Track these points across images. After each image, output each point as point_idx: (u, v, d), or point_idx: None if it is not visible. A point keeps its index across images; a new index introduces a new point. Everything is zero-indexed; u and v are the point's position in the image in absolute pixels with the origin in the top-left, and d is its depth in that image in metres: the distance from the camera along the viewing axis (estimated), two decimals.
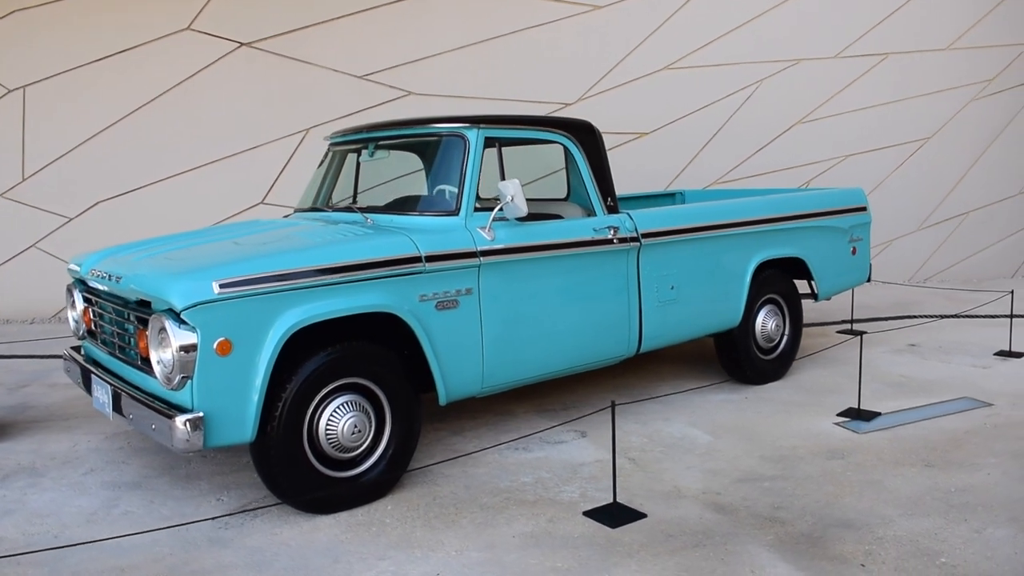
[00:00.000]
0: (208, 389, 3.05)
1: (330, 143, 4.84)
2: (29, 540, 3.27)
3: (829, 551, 3.06)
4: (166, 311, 3.09)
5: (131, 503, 3.64)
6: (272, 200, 8.66)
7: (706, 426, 4.58)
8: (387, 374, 3.55)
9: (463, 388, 3.81)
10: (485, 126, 4.01)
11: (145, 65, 8.25)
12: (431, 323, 3.62)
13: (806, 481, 3.75)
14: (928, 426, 4.50)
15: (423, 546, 3.15)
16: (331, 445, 3.41)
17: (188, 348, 3.00)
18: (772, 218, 5.22)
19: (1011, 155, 9.90)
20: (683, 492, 3.65)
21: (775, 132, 9.47)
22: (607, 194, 4.44)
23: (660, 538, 3.19)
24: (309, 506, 3.41)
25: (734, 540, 3.16)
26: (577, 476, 3.86)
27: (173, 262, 3.45)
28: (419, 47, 8.69)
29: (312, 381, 3.31)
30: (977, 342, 6.49)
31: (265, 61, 8.43)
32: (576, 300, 4.21)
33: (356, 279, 3.38)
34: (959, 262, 10.11)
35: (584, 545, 3.14)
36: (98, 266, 3.80)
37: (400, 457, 3.63)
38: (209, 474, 3.97)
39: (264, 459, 3.27)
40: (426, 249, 3.61)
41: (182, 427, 2.99)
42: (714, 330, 5.06)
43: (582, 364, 4.34)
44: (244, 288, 3.10)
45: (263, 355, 3.15)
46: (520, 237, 3.95)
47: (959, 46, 9.49)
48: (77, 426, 4.82)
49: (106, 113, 8.28)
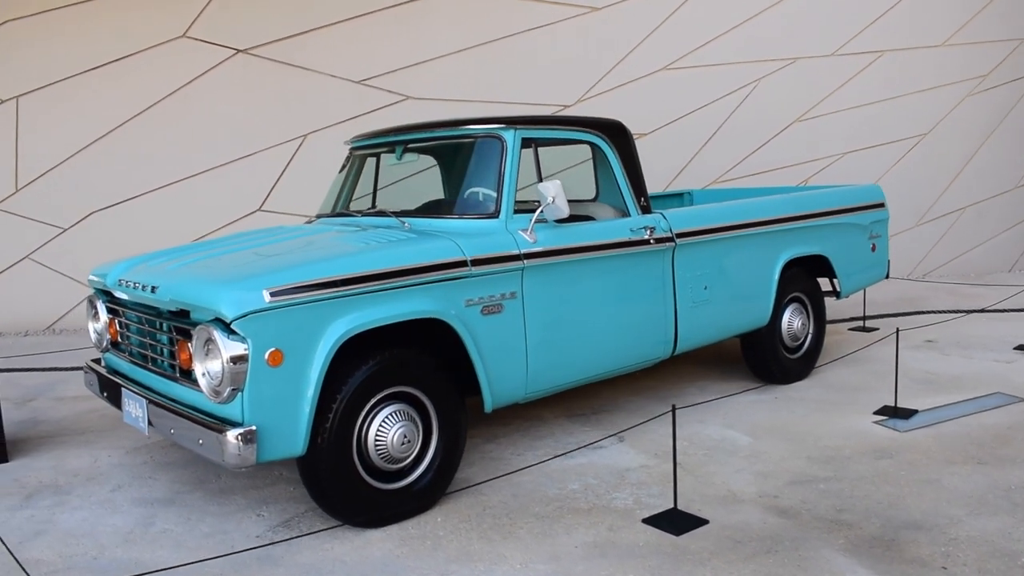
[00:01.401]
0: (259, 402, 2.92)
1: (352, 147, 4.71)
2: (68, 562, 3.11)
3: (905, 554, 2.99)
4: (213, 321, 2.96)
5: (167, 520, 3.49)
6: (270, 207, 8.49)
7: (743, 427, 4.51)
8: (433, 381, 3.44)
9: (508, 394, 3.70)
10: (522, 127, 3.92)
11: (140, 73, 8.06)
12: (477, 328, 3.52)
13: (861, 482, 3.68)
14: (969, 423, 4.47)
15: (484, 559, 3.04)
16: (380, 456, 3.29)
17: (239, 359, 2.87)
18: (799, 216, 5.17)
19: (1006, 150, 10.00)
20: (739, 496, 3.58)
21: (773, 131, 9.47)
22: (640, 194, 4.37)
23: (728, 545, 3.10)
24: (358, 520, 3.28)
25: (805, 545, 3.08)
26: (625, 482, 3.77)
27: (215, 271, 3.31)
28: (417, 51, 8.58)
29: (361, 391, 3.19)
30: (994, 337, 6.50)
31: (262, 67, 8.27)
32: (616, 302, 4.12)
33: (405, 285, 3.27)
34: (956, 257, 10.17)
35: (651, 554, 3.05)
36: (127, 276, 3.65)
37: (447, 466, 3.51)
38: (243, 488, 3.83)
39: (314, 473, 3.14)
40: (471, 253, 3.50)
41: (234, 441, 2.85)
42: (744, 330, 5.00)
43: (621, 367, 4.26)
44: (295, 296, 2.97)
45: (314, 365, 3.02)
46: (561, 239, 3.85)
47: (954, 42, 9.57)
48: (94, 440, 4.64)
49: (101, 122, 8.07)
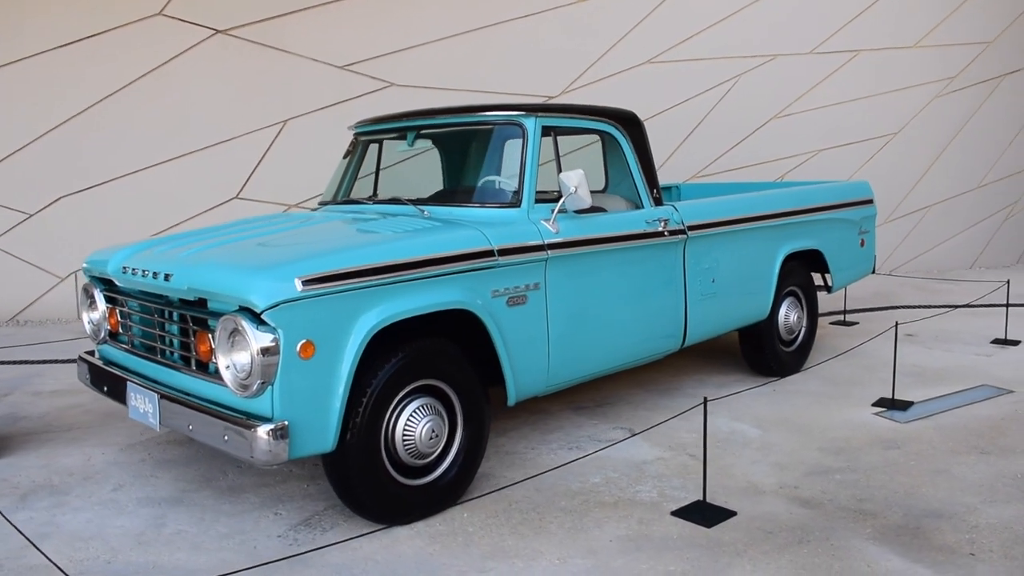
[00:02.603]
0: (290, 396, 2.82)
1: (357, 132, 4.59)
2: (80, 568, 2.96)
3: (932, 542, 3.04)
4: (240, 311, 2.84)
5: (179, 521, 3.36)
6: (247, 195, 8.27)
7: (749, 420, 4.54)
8: (458, 374, 3.36)
9: (531, 387, 3.65)
10: (542, 114, 3.86)
11: (112, 52, 7.74)
12: (502, 320, 3.45)
13: (875, 472, 3.73)
14: (963, 414, 4.57)
15: (520, 555, 2.99)
16: (408, 452, 3.21)
17: (269, 352, 2.76)
18: (800, 210, 5.23)
19: (970, 151, 10.28)
20: (760, 488, 3.59)
21: (752, 127, 9.58)
22: (653, 185, 4.35)
23: (760, 536, 3.11)
24: (384, 517, 3.19)
25: (834, 535, 3.11)
26: (645, 475, 3.76)
27: (238, 258, 3.17)
28: (402, 37, 8.43)
29: (390, 384, 3.10)
30: (970, 331, 6.67)
31: (241, 49, 8.03)
32: (632, 294, 4.10)
33: (436, 274, 3.19)
34: (922, 254, 10.44)
35: (686, 546, 3.04)
36: (132, 263, 3.48)
37: (471, 461, 3.45)
38: (254, 486, 3.70)
39: (343, 469, 3.04)
40: (497, 242, 3.44)
41: (265, 437, 2.74)
42: (746, 323, 5.04)
43: (635, 360, 4.24)
44: (327, 285, 2.87)
45: (346, 358, 2.92)
46: (582, 230, 3.81)
47: (926, 44, 9.79)
48: (83, 437, 4.45)
49: (70, 103, 7.74)
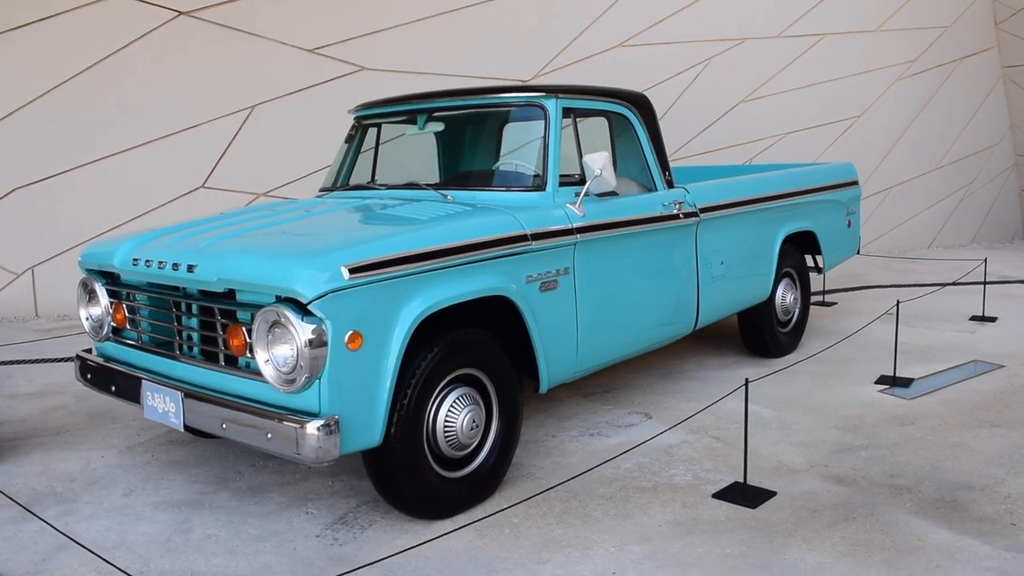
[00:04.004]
0: (339, 389, 2.69)
1: (359, 116, 4.43)
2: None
3: (973, 513, 3.09)
4: (282, 302, 2.69)
5: (206, 525, 3.19)
6: (214, 184, 7.97)
7: (761, 401, 4.56)
8: (494, 362, 3.28)
9: (561, 374, 3.59)
10: (563, 96, 3.78)
11: (70, 34, 7.35)
12: (536, 305, 3.38)
13: (897, 448, 3.79)
14: (963, 389, 4.69)
15: (573, 544, 2.93)
16: (449, 444, 3.11)
17: (317, 344, 2.63)
18: (797, 192, 5.27)
19: (929, 133, 10.58)
20: (791, 467, 3.61)
21: (722, 110, 9.66)
22: (665, 168, 4.32)
23: (806, 515, 3.12)
24: (426, 512, 3.10)
25: (877, 511, 3.14)
26: (675, 459, 3.74)
27: (273, 247, 3.00)
28: (373, 20, 8.22)
29: (432, 374, 2.99)
30: (948, 309, 6.86)
31: (206, 32, 7.71)
32: (652, 277, 4.07)
33: (474, 260, 3.09)
34: (884, 234, 10.71)
35: (737, 528, 3.03)
36: (142, 255, 3.28)
37: (506, 450, 3.37)
38: (275, 485, 3.55)
39: (387, 464, 2.93)
40: (530, 227, 3.36)
41: (315, 433, 2.62)
42: (748, 304, 5.06)
43: (654, 343, 4.22)
44: (373, 273, 2.75)
45: (392, 348, 2.81)
46: (607, 213, 3.75)
47: (887, 27, 10.01)
48: (76, 440, 4.22)
49: (24, 88, 7.32)
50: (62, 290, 7.61)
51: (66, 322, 7.40)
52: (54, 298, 7.63)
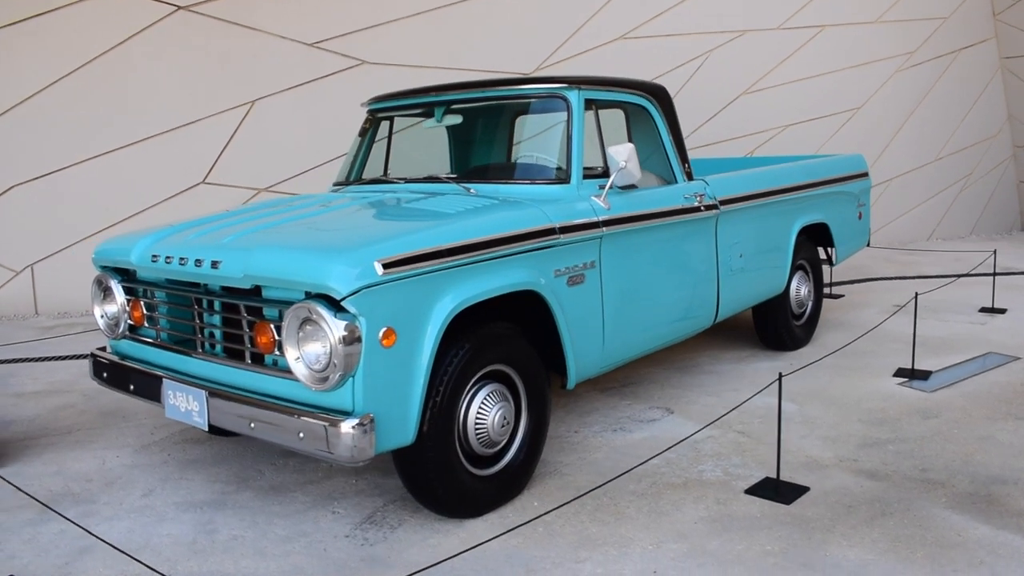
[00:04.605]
0: (373, 387, 2.63)
1: (372, 108, 4.35)
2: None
3: (1009, 507, 3.07)
4: (313, 298, 2.63)
5: (231, 525, 3.13)
6: (214, 180, 7.87)
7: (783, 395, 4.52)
8: (523, 357, 3.22)
9: (588, 369, 3.54)
10: (585, 87, 3.72)
11: (68, 30, 7.23)
12: (564, 300, 3.32)
13: (925, 442, 3.76)
14: (982, 381, 4.67)
15: (610, 543, 2.88)
16: (480, 441, 3.06)
17: (352, 341, 2.56)
18: (812, 183, 5.24)
19: (928, 125, 10.58)
20: (820, 462, 3.57)
21: (723, 103, 9.62)
22: (684, 160, 4.27)
23: (842, 510, 3.08)
24: (457, 511, 3.04)
25: (913, 506, 3.10)
26: (703, 454, 3.69)
27: (302, 241, 2.93)
28: (373, 14, 8.13)
29: (464, 371, 2.94)
30: (955, 301, 6.85)
31: (205, 26, 7.60)
32: (674, 271, 4.03)
33: (506, 254, 3.03)
34: (884, 226, 10.70)
35: (774, 525, 2.99)
36: (162, 251, 3.20)
37: (535, 447, 3.32)
38: (297, 484, 3.49)
39: (420, 462, 2.87)
40: (558, 220, 3.30)
41: (351, 432, 2.55)
42: (765, 297, 5.03)
43: (676, 337, 4.17)
44: (406, 268, 2.68)
45: (425, 344, 2.75)
46: (630, 206, 3.70)
47: (887, 19, 9.99)
48: (88, 440, 4.13)
49: (22, 84, 7.20)
50: (62, 288, 7.51)
51: (66, 320, 7.29)
52: (54, 296, 7.52)
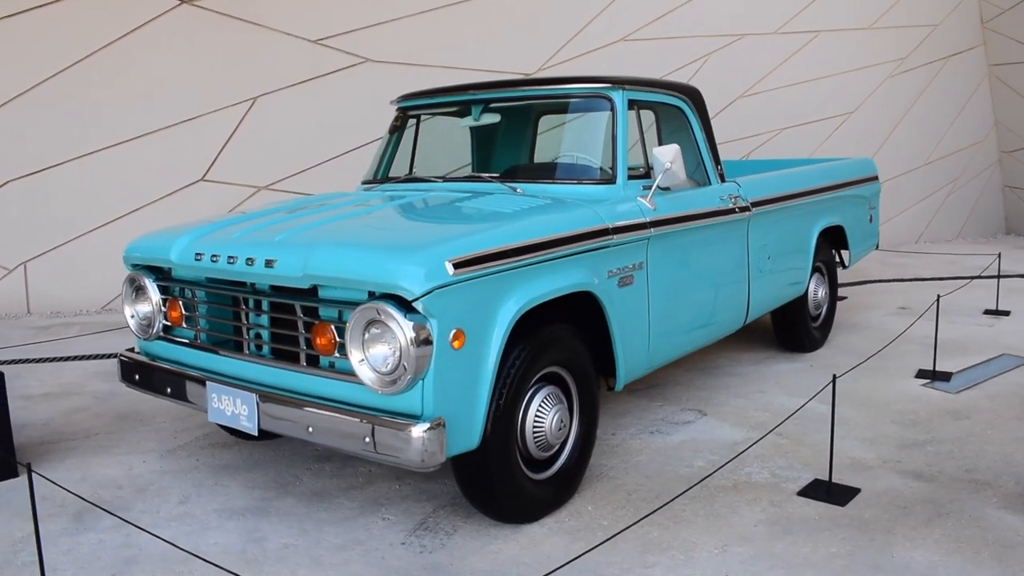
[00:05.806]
0: (443, 390, 2.57)
1: (403, 106, 4.27)
2: None
3: None
4: (380, 298, 2.56)
5: (279, 534, 3.04)
6: (214, 177, 7.72)
7: (808, 396, 4.53)
8: (576, 359, 3.18)
9: (635, 370, 3.51)
10: (629, 87, 3.69)
11: (68, 24, 7.03)
12: (616, 301, 3.29)
13: (962, 443, 3.79)
14: (1003, 382, 4.72)
15: (675, 547, 2.85)
16: (537, 444, 3.01)
17: (423, 342, 2.50)
18: (833, 186, 5.27)
19: (918, 129, 10.73)
20: (864, 463, 3.58)
21: (720, 105, 9.65)
22: (718, 161, 4.26)
23: (897, 512, 3.08)
24: (514, 516, 2.99)
25: (967, 506, 3.12)
26: (745, 456, 3.68)
27: (366, 240, 2.84)
28: (376, 11, 8.03)
29: (524, 373, 2.88)
30: (958, 303, 6.93)
31: (208, 21, 7.45)
32: (712, 272, 4.01)
33: (565, 255, 2.99)
34: None
35: (834, 527, 2.98)
36: (205, 249, 3.10)
37: (586, 450, 3.28)
38: (340, 489, 3.41)
39: (482, 467, 2.81)
40: (610, 220, 3.26)
41: (422, 437, 2.49)
42: (788, 299, 5.04)
43: (712, 338, 4.17)
44: (475, 268, 2.63)
45: (492, 346, 2.69)
46: (675, 207, 3.68)
47: (880, 25, 10.12)
48: (110, 444, 4.01)
49: (19, 78, 7.00)
50: (55, 286, 7.32)
51: (60, 319, 7.10)
52: (47, 294, 7.32)
